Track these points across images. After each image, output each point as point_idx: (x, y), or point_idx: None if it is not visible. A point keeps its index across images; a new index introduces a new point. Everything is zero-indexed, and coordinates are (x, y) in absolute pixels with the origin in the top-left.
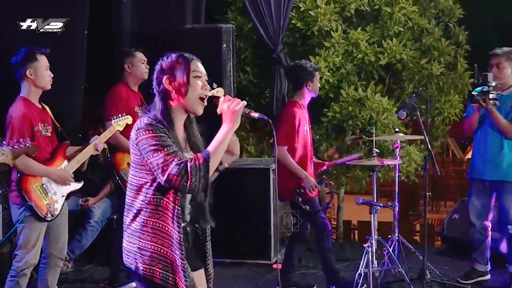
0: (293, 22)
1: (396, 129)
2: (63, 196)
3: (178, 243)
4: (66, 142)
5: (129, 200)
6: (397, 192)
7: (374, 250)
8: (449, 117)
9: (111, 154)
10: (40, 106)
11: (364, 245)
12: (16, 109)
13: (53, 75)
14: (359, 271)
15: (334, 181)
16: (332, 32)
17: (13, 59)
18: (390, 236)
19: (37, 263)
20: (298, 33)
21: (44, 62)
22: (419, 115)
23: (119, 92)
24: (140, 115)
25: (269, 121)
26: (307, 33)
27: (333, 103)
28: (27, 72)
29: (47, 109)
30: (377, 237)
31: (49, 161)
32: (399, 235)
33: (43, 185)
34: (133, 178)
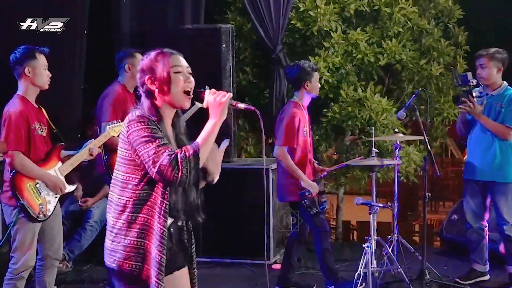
0: (292, 22)
1: (395, 130)
2: (56, 197)
3: (160, 236)
4: (61, 143)
5: (114, 197)
6: (396, 192)
7: (373, 250)
8: (449, 117)
9: (107, 154)
10: (36, 106)
11: (363, 245)
12: (13, 106)
13: (51, 75)
14: (358, 272)
15: (332, 181)
16: (331, 32)
17: (12, 56)
18: (389, 236)
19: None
20: (297, 33)
21: (43, 61)
22: (419, 115)
23: (118, 93)
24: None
25: (256, 111)
26: (306, 34)
27: (333, 103)
28: (25, 69)
29: (43, 110)
30: (376, 238)
31: (43, 162)
32: (398, 235)
33: (37, 185)
34: (119, 174)
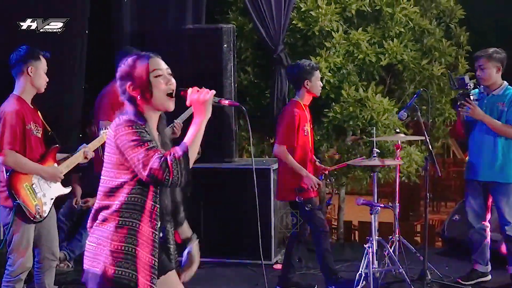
0: (294, 22)
1: (396, 130)
2: (52, 199)
3: (152, 240)
4: (56, 145)
5: (99, 203)
6: (398, 192)
7: (374, 250)
8: (450, 117)
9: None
10: (32, 106)
11: (364, 245)
12: (8, 105)
13: (52, 75)
14: (360, 272)
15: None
16: (333, 32)
17: (15, 54)
18: (390, 236)
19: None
20: (299, 33)
21: (44, 64)
22: (420, 115)
23: (115, 93)
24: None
25: (242, 107)
26: (308, 34)
27: (334, 103)
28: (28, 68)
29: (38, 112)
30: (377, 238)
31: (39, 163)
32: (399, 235)
33: (33, 185)
34: (106, 179)
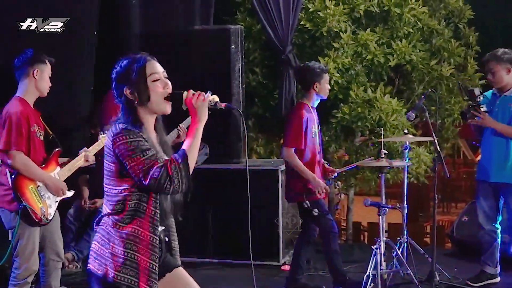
0: (302, 23)
1: (405, 131)
2: (56, 202)
3: (152, 245)
4: (58, 149)
5: (104, 209)
6: (406, 193)
7: (382, 252)
8: (459, 118)
9: None
10: (34, 109)
11: (372, 246)
12: (12, 106)
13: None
14: (367, 273)
15: (343, 182)
16: (341, 33)
17: (22, 56)
18: (399, 238)
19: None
20: (307, 34)
21: (49, 68)
22: (428, 116)
23: None
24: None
25: (238, 110)
26: (316, 34)
27: (342, 104)
28: (34, 70)
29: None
30: (385, 239)
31: (43, 165)
32: (407, 237)
33: (38, 188)
34: (107, 187)
